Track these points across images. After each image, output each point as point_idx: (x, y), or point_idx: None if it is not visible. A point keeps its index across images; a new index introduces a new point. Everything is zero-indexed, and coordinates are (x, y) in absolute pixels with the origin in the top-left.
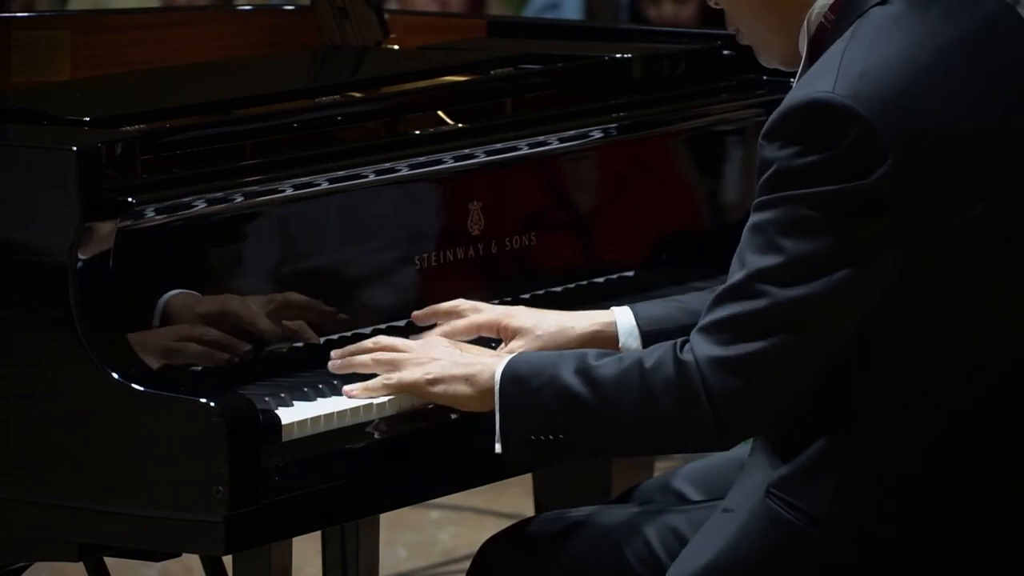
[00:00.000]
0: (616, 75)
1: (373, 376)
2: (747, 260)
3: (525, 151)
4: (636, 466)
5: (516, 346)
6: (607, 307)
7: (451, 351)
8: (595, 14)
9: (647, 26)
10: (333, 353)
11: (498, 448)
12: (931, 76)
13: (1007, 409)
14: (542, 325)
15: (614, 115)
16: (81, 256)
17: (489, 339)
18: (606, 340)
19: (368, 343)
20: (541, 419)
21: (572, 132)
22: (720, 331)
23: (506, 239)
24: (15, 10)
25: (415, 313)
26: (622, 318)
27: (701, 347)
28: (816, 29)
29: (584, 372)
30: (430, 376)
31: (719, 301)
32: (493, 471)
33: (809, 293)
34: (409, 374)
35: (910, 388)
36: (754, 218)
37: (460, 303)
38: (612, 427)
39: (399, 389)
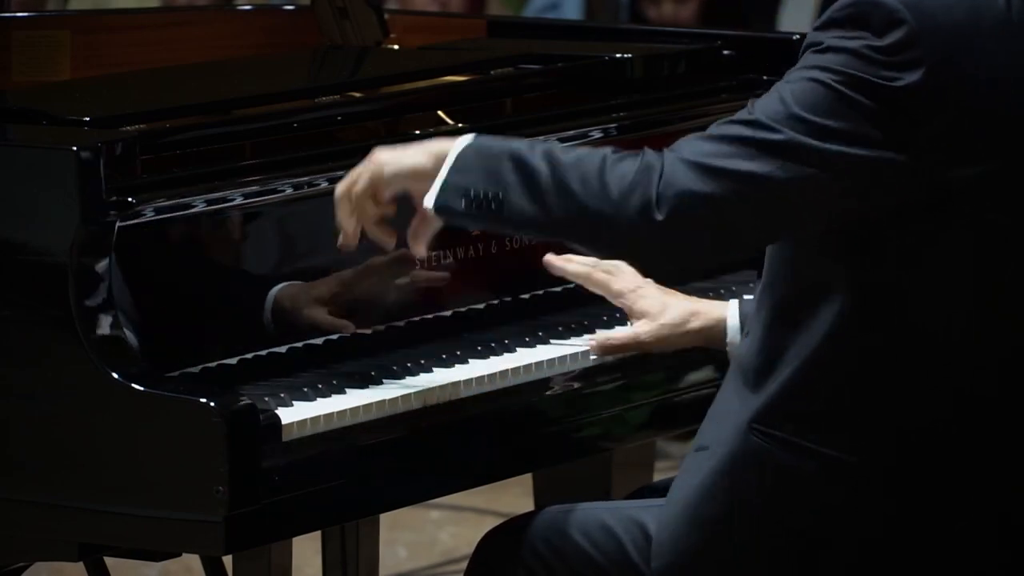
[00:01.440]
0: (616, 75)
1: None
2: (759, 102)
3: None
4: (636, 466)
5: (641, 329)
6: (608, 308)
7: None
8: (595, 14)
9: (647, 26)
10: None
11: (429, 200)
12: (991, 27)
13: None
14: (667, 313)
15: (614, 115)
16: (81, 256)
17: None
18: (721, 335)
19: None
20: (487, 176)
21: (572, 132)
22: (703, 139)
23: (506, 239)
24: (15, 10)
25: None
26: (731, 312)
27: (680, 146)
28: None
29: (549, 152)
30: (390, 151)
31: (727, 121)
32: (493, 471)
33: (794, 150)
34: (371, 158)
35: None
36: (784, 78)
37: (601, 262)
38: (557, 202)
39: (362, 177)
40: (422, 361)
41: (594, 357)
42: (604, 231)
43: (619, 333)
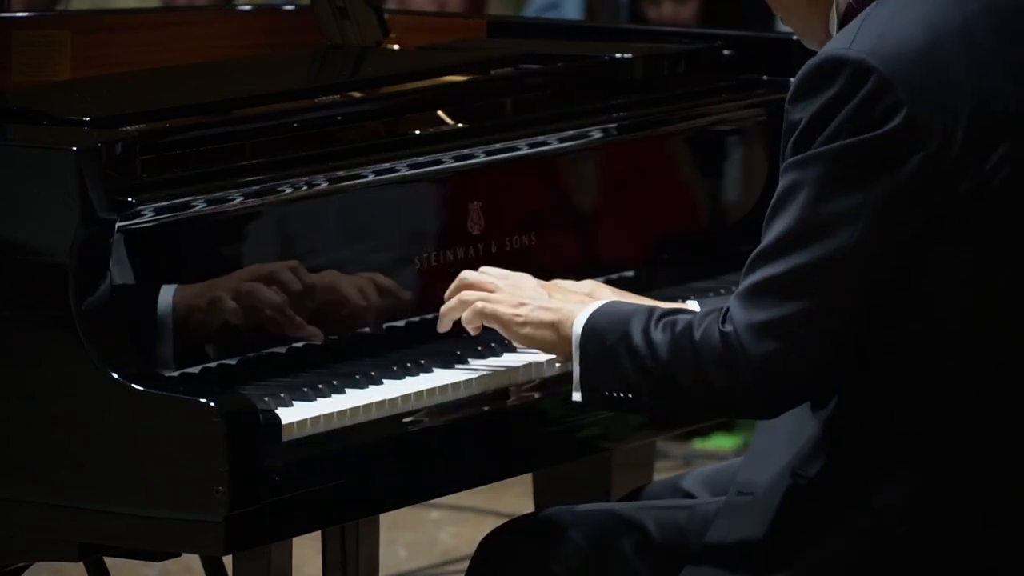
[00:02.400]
0: (616, 75)
1: None
2: (776, 222)
3: (525, 151)
4: (636, 466)
5: None
6: None
7: (539, 293)
8: (595, 14)
9: (647, 26)
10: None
11: (576, 397)
12: (953, 41)
13: None
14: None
15: (614, 115)
16: (81, 256)
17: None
18: None
19: (454, 284)
20: (615, 377)
21: (572, 132)
22: (755, 295)
23: (506, 239)
24: (16, 10)
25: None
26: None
27: (738, 314)
28: (845, 8)
29: (646, 335)
30: (520, 318)
31: (753, 266)
32: (493, 471)
33: (836, 250)
34: (503, 309)
35: (932, 359)
36: (782, 182)
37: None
38: (673, 394)
39: (492, 319)
40: (422, 361)
41: None
42: (728, 413)
43: None
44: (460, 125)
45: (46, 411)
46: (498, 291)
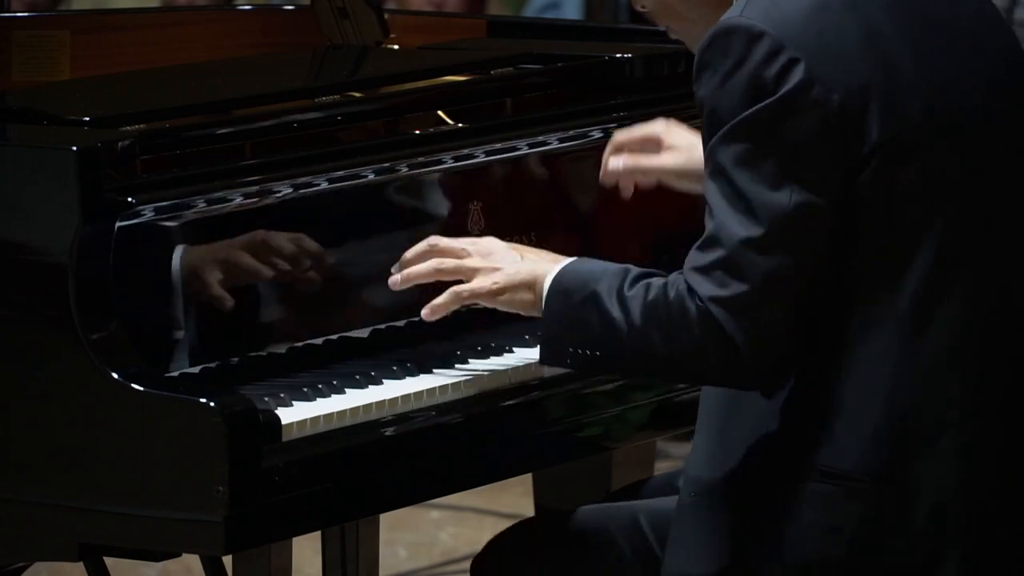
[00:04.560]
0: (616, 75)
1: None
2: (712, 206)
3: (525, 151)
4: (636, 466)
5: (668, 158)
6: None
7: (511, 255)
8: (595, 14)
9: (647, 26)
10: (392, 269)
11: (538, 357)
12: (839, 6)
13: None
14: (693, 149)
15: (614, 115)
16: (81, 256)
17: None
18: None
19: (423, 246)
20: (577, 333)
21: (572, 132)
22: (713, 273)
23: (506, 239)
24: (15, 9)
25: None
26: None
27: (701, 288)
28: None
29: (619, 295)
30: (497, 285)
31: (702, 247)
32: (493, 471)
33: (773, 220)
34: (479, 284)
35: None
36: (707, 165)
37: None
38: (642, 352)
39: (471, 299)
40: (422, 361)
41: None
42: (700, 380)
43: (649, 158)
44: (460, 125)
45: (46, 411)
46: (468, 257)
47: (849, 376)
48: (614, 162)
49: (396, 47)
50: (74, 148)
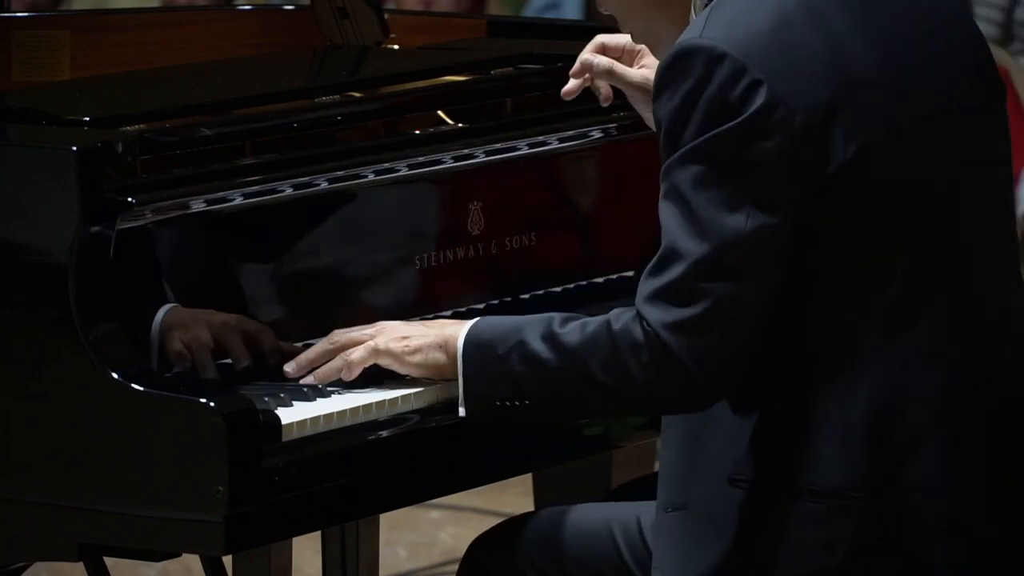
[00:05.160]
0: None
1: None
2: (666, 227)
3: (525, 151)
4: (636, 466)
5: (635, 73)
6: (609, 308)
7: (417, 326)
8: (595, 14)
9: None
10: (287, 367)
11: (461, 412)
12: (803, 19)
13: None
14: None
15: (614, 115)
16: (81, 256)
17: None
18: None
19: (323, 345)
20: (507, 385)
21: (572, 132)
22: (663, 297)
23: (506, 239)
24: (15, 9)
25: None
26: None
27: (653, 315)
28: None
29: (551, 338)
30: (409, 346)
31: (653, 270)
32: (493, 471)
33: (727, 244)
34: (390, 342)
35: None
36: (663, 184)
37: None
38: (582, 391)
39: (383, 355)
40: None
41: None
42: (644, 410)
43: (620, 67)
44: (460, 125)
45: (46, 411)
46: (377, 335)
47: (827, 391)
48: (591, 58)
49: (396, 47)
50: (74, 148)
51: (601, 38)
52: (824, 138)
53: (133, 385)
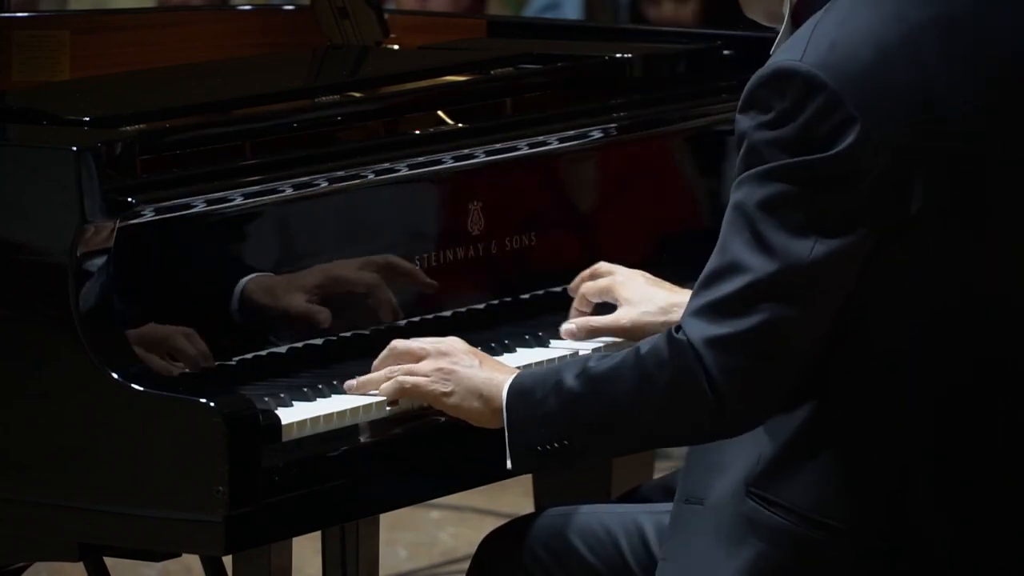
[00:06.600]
0: (616, 75)
1: None
2: (728, 241)
3: (525, 151)
4: (636, 466)
5: (622, 315)
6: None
7: (469, 359)
8: (595, 14)
9: (647, 26)
10: (348, 384)
11: (509, 464)
12: (899, 53)
13: (992, 397)
14: (651, 301)
15: (614, 115)
16: (81, 256)
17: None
18: None
19: (385, 352)
20: (546, 427)
21: (572, 132)
22: (711, 312)
23: (506, 239)
24: (15, 10)
25: (571, 287)
26: None
27: (694, 328)
28: None
29: (583, 373)
30: (446, 389)
31: (706, 284)
32: (493, 471)
33: (790, 267)
34: (424, 381)
35: (886, 374)
36: (733, 197)
37: (600, 267)
38: (612, 421)
39: (412, 392)
40: None
41: (576, 342)
42: (675, 439)
43: (600, 318)
44: (460, 125)
45: (46, 411)
46: (427, 357)
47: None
48: (571, 328)
49: (396, 47)
50: (74, 148)
51: (579, 289)
52: (904, 185)
53: (133, 385)
